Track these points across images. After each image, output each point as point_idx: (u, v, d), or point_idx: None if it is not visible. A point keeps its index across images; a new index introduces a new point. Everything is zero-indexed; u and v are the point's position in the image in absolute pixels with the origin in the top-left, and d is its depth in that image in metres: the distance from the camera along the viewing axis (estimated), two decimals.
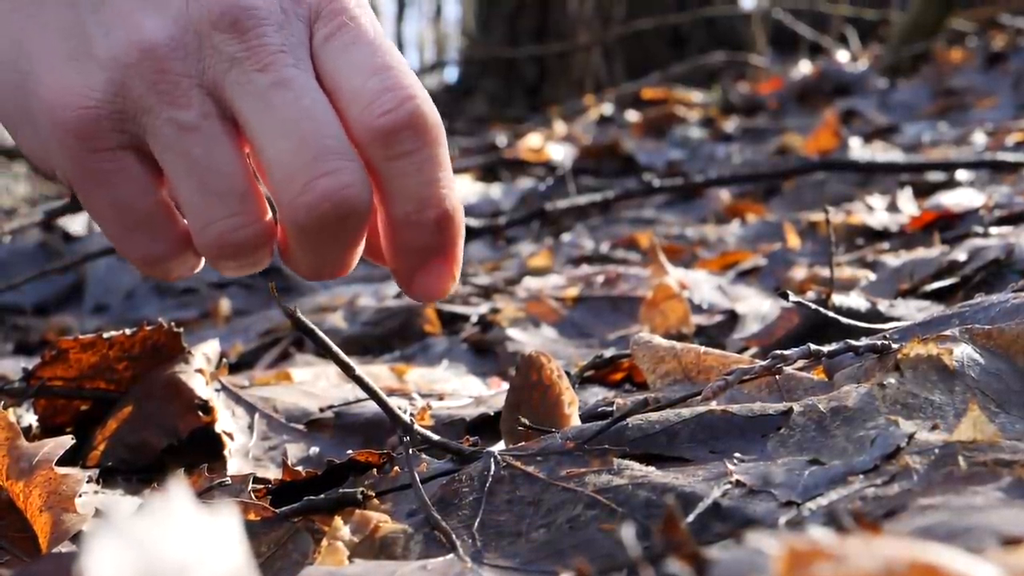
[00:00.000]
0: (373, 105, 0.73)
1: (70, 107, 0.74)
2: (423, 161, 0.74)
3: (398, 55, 0.76)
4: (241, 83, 0.73)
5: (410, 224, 0.75)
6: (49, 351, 1.02)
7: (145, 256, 0.79)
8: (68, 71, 0.75)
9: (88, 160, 0.75)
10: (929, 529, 0.50)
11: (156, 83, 0.74)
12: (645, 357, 0.90)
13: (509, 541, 0.66)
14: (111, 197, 0.77)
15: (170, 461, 0.98)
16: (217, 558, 0.38)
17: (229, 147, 0.75)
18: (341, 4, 0.76)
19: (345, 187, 0.72)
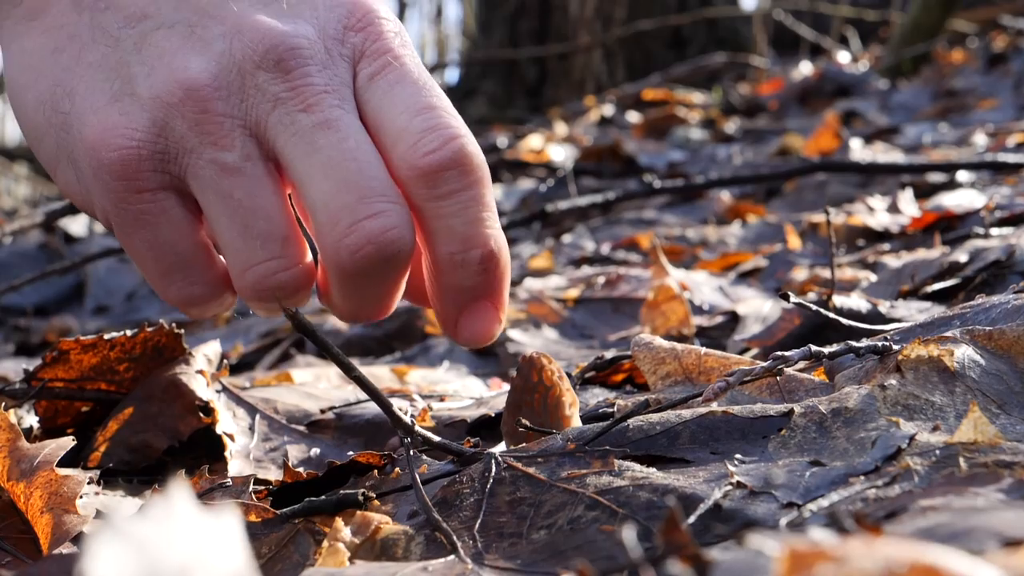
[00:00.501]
0: (418, 144, 0.72)
1: (112, 147, 0.73)
2: (468, 200, 0.73)
3: (442, 94, 0.76)
4: (285, 123, 0.73)
5: (455, 264, 0.74)
6: (50, 352, 1.02)
7: (183, 298, 0.79)
8: (111, 111, 0.74)
9: (129, 201, 0.75)
10: (930, 530, 0.50)
11: (199, 123, 0.73)
12: (646, 359, 0.90)
13: (510, 542, 0.66)
14: (151, 238, 0.76)
15: (171, 462, 0.98)
16: (218, 559, 0.38)
17: (271, 189, 0.74)
18: (385, 43, 0.76)
19: (389, 229, 0.72)
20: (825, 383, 0.82)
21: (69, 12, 0.77)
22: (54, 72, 0.77)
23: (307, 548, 0.72)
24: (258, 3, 0.75)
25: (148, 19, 0.75)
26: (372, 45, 0.76)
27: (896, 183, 2.38)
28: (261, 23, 0.74)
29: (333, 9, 0.76)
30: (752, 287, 1.62)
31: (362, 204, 0.72)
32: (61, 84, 0.76)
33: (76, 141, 0.75)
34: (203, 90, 0.73)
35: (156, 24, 0.75)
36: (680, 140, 4.16)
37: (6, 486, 0.79)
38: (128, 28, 0.75)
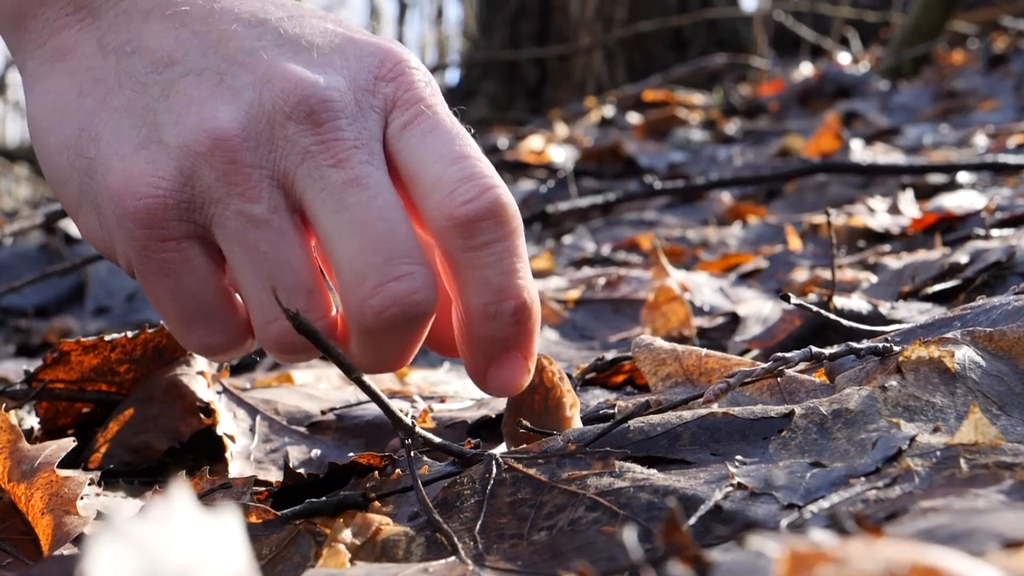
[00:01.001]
0: (454, 194, 0.72)
1: (137, 195, 0.73)
2: (503, 251, 0.73)
3: (474, 143, 0.75)
4: (314, 178, 0.72)
5: (487, 316, 0.74)
6: (51, 353, 1.02)
7: (204, 346, 0.79)
8: (137, 158, 0.73)
9: (153, 249, 0.74)
10: (931, 532, 0.50)
11: (227, 174, 0.72)
12: (646, 360, 0.90)
13: (511, 543, 0.66)
14: (173, 287, 0.76)
15: (172, 464, 0.98)
16: (219, 561, 0.38)
17: (297, 242, 0.74)
18: (417, 93, 0.75)
19: (415, 292, 0.72)
20: (826, 384, 0.82)
21: (95, 55, 0.76)
22: (79, 116, 0.75)
23: (308, 549, 0.72)
24: (289, 51, 0.74)
25: (176, 65, 0.74)
26: (404, 95, 0.75)
27: (897, 184, 2.38)
28: (292, 73, 0.73)
29: (364, 59, 0.75)
30: (753, 288, 1.62)
31: (389, 266, 0.72)
32: (86, 129, 0.75)
33: (100, 187, 0.75)
34: (232, 140, 0.72)
35: (184, 70, 0.74)
36: (681, 141, 4.16)
37: (7, 487, 0.79)
38: (155, 74, 0.74)
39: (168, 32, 0.75)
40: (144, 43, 0.75)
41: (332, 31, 0.76)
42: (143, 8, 0.76)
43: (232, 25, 0.75)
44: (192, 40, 0.75)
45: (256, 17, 0.75)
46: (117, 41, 0.75)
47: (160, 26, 0.75)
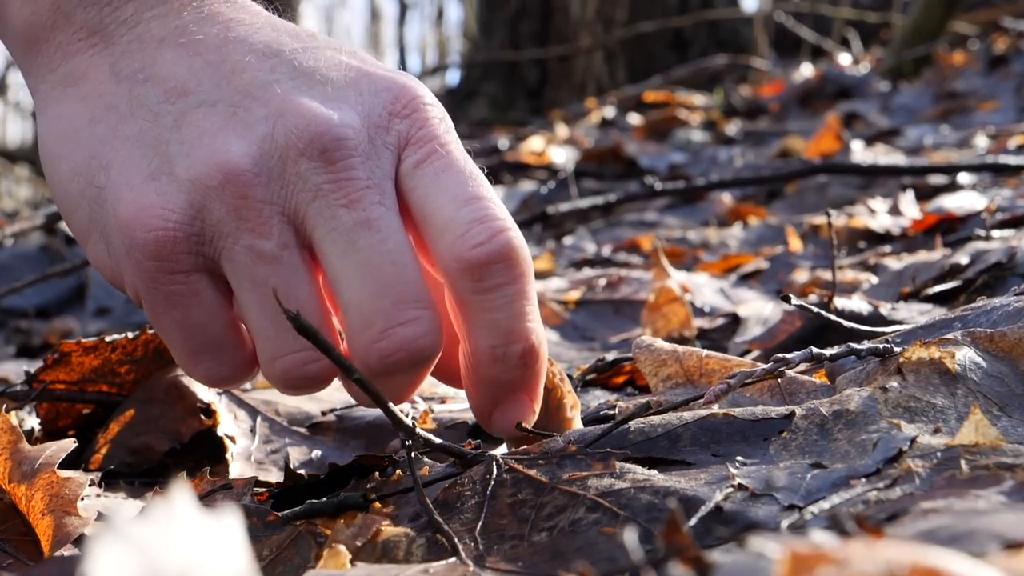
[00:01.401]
0: (466, 236, 0.72)
1: (147, 227, 0.72)
2: (513, 294, 0.73)
3: (487, 183, 0.75)
4: (325, 217, 0.72)
5: (495, 358, 0.74)
6: (51, 354, 1.02)
7: (210, 378, 0.79)
8: (147, 190, 0.73)
9: (161, 281, 0.74)
10: (931, 533, 0.50)
11: (237, 209, 0.72)
12: (647, 361, 0.90)
13: (511, 544, 0.66)
14: (181, 319, 0.76)
15: (172, 464, 0.98)
16: (219, 562, 0.38)
17: (306, 279, 0.74)
18: (431, 130, 0.75)
19: (421, 337, 0.72)
20: (826, 385, 0.82)
21: (108, 81, 0.76)
22: (90, 143, 0.75)
23: (308, 550, 0.72)
24: (303, 85, 0.74)
25: (189, 95, 0.73)
26: (418, 132, 0.74)
27: (897, 185, 2.38)
28: (306, 108, 0.72)
29: (378, 94, 0.75)
30: (753, 289, 1.62)
31: (396, 310, 0.72)
32: (97, 157, 0.75)
33: (110, 217, 0.74)
34: (244, 175, 0.72)
35: (197, 101, 0.73)
36: (681, 142, 4.16)
37: (7, 488, 0.79)
38: (168, 104, 0.74)
39: (182, 61, 0.74)
40: (157, 71, 0.74)
41: (346, 64, 0.76)
42: (157, 35, 0.75)
43: (246, 56, 0.74)
44: (205, 70, 0.74)
45: (270, 48, 0.75)
46: (130, 68, 0.75)
47: (174, 54, 0.75)
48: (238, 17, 0.77)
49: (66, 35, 0.77)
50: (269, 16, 0.78)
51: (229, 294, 0.76)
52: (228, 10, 0.77)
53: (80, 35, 0.76)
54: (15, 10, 0.78)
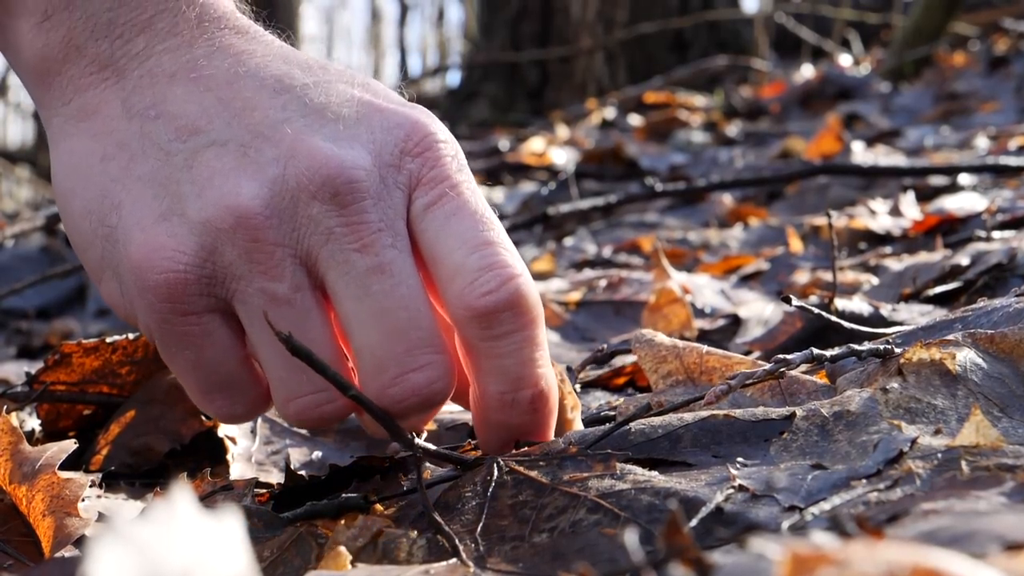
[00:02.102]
0: (475, 284, 0.71)
1: (158, 269, 0.72)
2: (521, 341, 0.73)
3: (499, 226, 0.75)
4: (337, 260, 0.72)
5: (504, 404, 0.74)
6: (52, 355, 1.02)
7: (224, 415, 0.79)
8: (158, 231, 0.72)
9: (173, 323, 0.74)
10: (932, 534, 0.50)
11: (249, 252, 0.72)
12: (647, 356, 0.90)
13: (512, 545, 0.66)
14: (194, 358, 0.76)
15: (173, 465, 0.98)
16: (220, 563, 0.38)
17: (319, 320, 0.74)
18: (443, 170, 0.74)
19: (433, 382, 0.72)
20: (827, 386, 0.82)
21: (119, 117, 0.75)
22: (102, 181, 0.74)
23: (309, 551, 0.72)
24: (315, 123, 0.73)
25: (200, 134, 0.73)
26: (429, 172, 0.74)
27: (898, 186, 2.38)
28: (317, 149, 0.72)
29: (390, 131, 0.74)
30: (754, 290, 1.62)
31: (409, 356, 0.72)
32: (109, 195, 0.74)
33: (122, 257, 0.74)
34: (255, 218, 0.71)
35: (208, 141, 0.73)
36: (682, 143, 4.16)
37: (8, 489, 0.79)
38: (179, 142, 0.73)
39: (192, 97, 0.74)
40: (168, 108, 0.74)
41: (358, 99, 0.75)
42: (168, 69, 0.75)
43: (257, 92, 0.74)
44: (216, 107, 0.73)
45: (282, 83, 0.74)
46: (142, 104, 0.74)
47: (185, 90, 0.74)
48: (250, 49, 0.76)
49: (78, 68, 0.76)
50: (281, 46, 0.78)
51: (242, 333, 0.76)
52: (240, 42, 0.76)
53: (92, 68, 0.76)
54: (27, 42, 0.77)
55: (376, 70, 20.31)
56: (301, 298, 0.73)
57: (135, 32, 0.75)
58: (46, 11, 0.76)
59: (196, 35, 0.76)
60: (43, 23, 0.76)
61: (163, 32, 0.76)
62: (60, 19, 0.76)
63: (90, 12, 0.75)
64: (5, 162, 8.04)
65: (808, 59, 6.54)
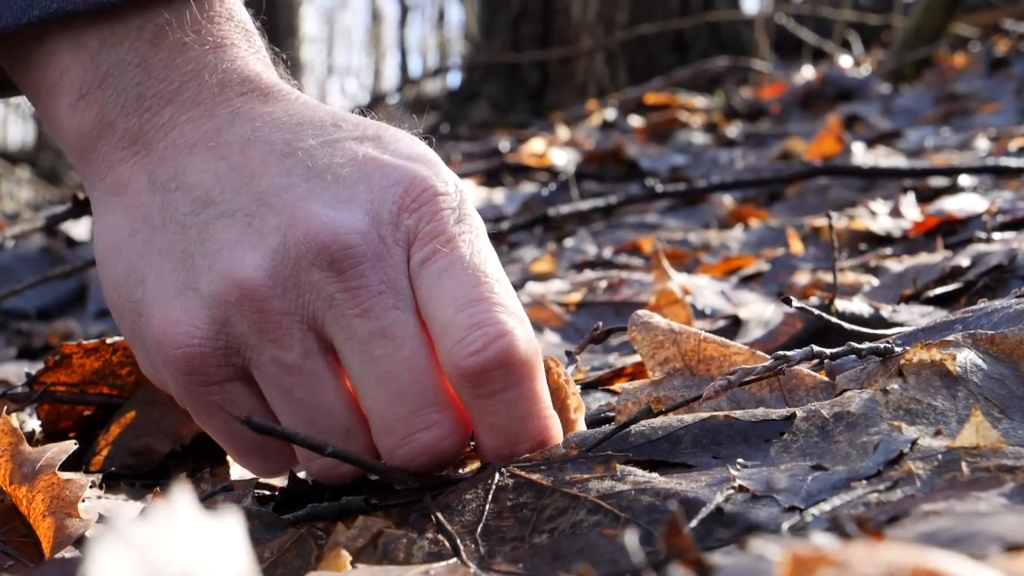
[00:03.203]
0: (462, 343, 0.71)
1: (175, 344, 0.74)
2: (513, 399, 0.73)
3: (494, 279, 0.74)
4: (341, 326, 0.73)
5: (501, 458, 0.75)
6: (52, 356, 1.02)
7: (260, 472, 0.81)
8: (174, 306, 0.74)
9: (197, 393, 0.76)
10: (932, 535, 0.50)
11: (257, 322, 0.73)
12: (644, 340, 0.89)
13: (512, 546, 0.66)
14: (223, 424, 0.78)
15: (173, 466, 0.98)
16: (220, 564, 0.38)
17: (331, 384, 0.75)
18: (438, 225, 0.74)
19: (441, 440, 0.73)
20: (826, 383, 0.82)
21: (145, 191, 0.77)
22: (129, 256, 0.76)
23: (309, 552, 0.72)
24: (316, 186, 0.74)
25: (211, 206, 0.74)
26: (425, 227, 0.74)
27: (898, 187, 2.38)
28: (314, 216, 0.73)
29: (388, 188, 0.74)
30: (754, 291, 1.62)
31: (416, 417, 0.73)
32: (135, 270, 0.76)
33: (146, 331, 0.76)
34: (259, 290, 0.72)
35: (218, 212, 0.74)
36: (682, 144, 4.16)
37: (8, 490, 0.79)
38: (193, 215, 0.75)
39: (208, 166, 0.75)
40: (186, 179, 0.76)
41: (362, 156, 0.75)
42: (190, 139, 0.76)
43: (267, 157, 0.75)
44: (228, 176, 0.75)
45: (290, 147, 0.75)
46: (165, 176, 0.76)
47: (202, 159, 0.76)
48: (267, 112, 0.77)
49: (110, 143, 0.78)
50: (302, 104, 0.79)
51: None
52: (259, 105, 0.78)
53: (123, 143, 0.78)
54: (66, 120, 0.79)
55: (376, 71, 20.31)
56: (312, 364, 0.74)
57: (162, 104, 0.77)
58: (81, 89, 0.78)
59: (218, 102, 0.77)
60: (78, 101, 0.78)
61: (187, 102, 0.77)
62: (94, 97, 0.78)
63: (121, 87, 0.77)
64: (5, 163, 8.05)
65: (808, 60, 6.54)
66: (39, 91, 0.80)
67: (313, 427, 0.74)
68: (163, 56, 0.77)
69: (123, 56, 0.77)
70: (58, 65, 0.78)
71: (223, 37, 0.78)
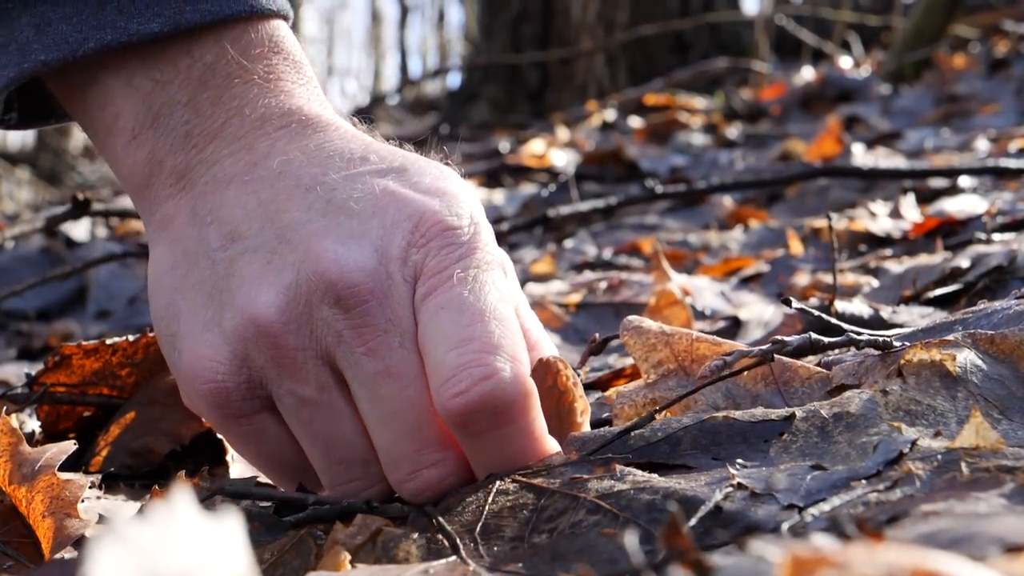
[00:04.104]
0: (448, 384, 0.72)
1: (201, 380, 0.76)
2: (501, 439, 0.73)
3: (490, 317, 0.74)
4: (350, 362, 0.74)
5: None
6: (52, 357, 1.02)
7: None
8: (201, 341, 0.76)
9: (227, 425, 0.78)
10: (932, 536, 0.50)
11: (274, 357, 0.75)
12: (636, 345, 0.89)
13: (511, 546, 0.66)
14: (256, 451, 0.80)
15: (173, 467, 0.98)
16: (220, 564, 0.38)
17: (349, 416, 0.76)
18: (441, 262, 0.75)
19: (445, 478, 0.75)
20: (821, 373, 0.82)
21: (187, 226, 0.79)
22: (169, 290, 0.79)
23: (309, 553, 0.72)
24: (331, 222, 0.75)
25: (239, 241, 0.76)
26: (429, 263, 0.75)
27: (898, 188, 2.38)
28: (325, 253, 0.74)
29: (399, 225, 0.75)
30: (754, 292, 1.62)
31: (419, 455, 0.74)
32: (172, 304, 0.78)
33: (179, 364, 0.78)
34: (272, 327, 0.74)
35: (243, 248, 0.76)
36: (682, 145, 4.16)
37: (8, 490, 0.79)
38: (223, 250, 0.77)
39: (240, 200, 0.77)
40: (220, 213, 0.77)
41: (381, 190, 0.76)
42: (229, 173, 0.78)
43: (292, 192, 0.77)
44: (256, 211, 0.77)
45: (315, 180, 0.77)
46: (203, 210, 0.78)
47: (235, 193, 0.78)
48: (303, 145, 0.79)
49: (160, 180, 0.80)
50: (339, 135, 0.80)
51: None
52: (297, 138, 0.79)
53: (170, 180, 0.80)
54: (120, 159, 0.82)
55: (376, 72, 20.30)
56: (328, 397, 0.76)
57: (207, 140, 0.79)
58: (134, 129, 0.80)
59: (258, 136, 0.79)
60: (131, 142, 0.81)
61: (229, 137, 0.79)
62: (145, 137, 0.80)
63: (170, 126, 0.79)
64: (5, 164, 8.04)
65: (808, 61, 6.54)
66: (97, 131, 0.83)
67: (332, 457, 0.76)
68: (210, 94, 0.79)
69: (173, 95, 0.79)
70: (112, 107, 0.80)
71: (269, 71, 0.81)
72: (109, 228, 3.67)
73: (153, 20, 0.78)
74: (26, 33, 0.79)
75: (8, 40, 0.80)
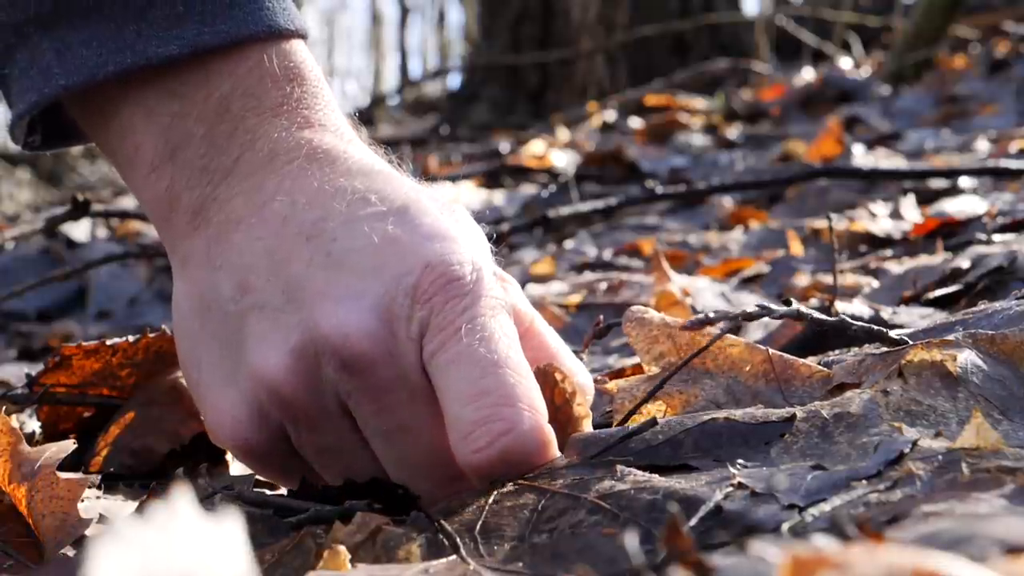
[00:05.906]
0: (468, 440, 0.72)
1: (224, 436, 0.78)
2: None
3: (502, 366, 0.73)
4: (360, 416, 0.75)
5: None
6: (52, 358, 1.02)
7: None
8: (222, 397, 0.78)
9: (258, 467, 0.82)
10: (932, 536, 0.50)
11: (287, 413, 0.76)
12: (639, 336, 0.89)
13: (512, 545, 0.66)
14: (287, 482, 0.83)
15: (173, 467, 0.98)
16: (220, 564, 0.37)
17: (369, 456, 0.77)
18: (447, 316, 0.74)
19: None
20: (822, 372, 0.82)
21: (203, 267, 0.79)
22: (190, 335, 0.80)
23: (308, 552, 0.72)
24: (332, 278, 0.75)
25: (248, 294, 0.77)
26: (435, 319, 0.74)
27: (898, 189, 2.38)
28: (328, 317, 0.74)
29: (402, 279, 0.75)
30: (754, 293, 1.62)
31: (437, 489, 0.75)
32: (194, 350, 0.80)
33: (203, 411, 0.80)
34: (284, 388, 0.75)
35: (252, 303, 0.76)
36: (682, 146, 4.16)
37: (8, 490, 0.79)
38: (233, 302, 0.77)
39: (247, 246, 0.78)
40: (230, 258, 0.78)
41: (381, 239, 0.76)
42: (238, 214, 0.79)
43: (295, 240, 0.77)
44: (263, 260, 0.77)
45: (316, 228, 0.77)
46: (215, 253, 0.79)
47: (242, 237, 0.78)
48: (306, 183, 0.78)
49: (178, 216, 0.81)
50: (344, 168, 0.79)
51: None
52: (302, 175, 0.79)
53: (187, 217, 0.80)
54: (142, 190, 0.83)
55: (376, 72, 20.29)
56: (347, 442, 0.77)
57: (221, 177, 0.80)
58: (152, 162, 0.81)
59: (267, 174, 0.79)
60: (150, 174, 0.81)
61: (241, 174, 0.79)
62: (164, 170, 0.80)
63: (187, 160, 0.80)
64: (5, 164, 8.04)
65: (809, 62, 6.54)
66: (119, 161, 0.83)
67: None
68: (226, 127, 0.79)
69: (190, 128, 0.79)
70: (133, 138, 0.81)
71: (282, 100, 0.80)
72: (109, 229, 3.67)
73: (172, 43, 0.78)
74: (47, 58, 0.79)
75: (30, 65, 0.80)
